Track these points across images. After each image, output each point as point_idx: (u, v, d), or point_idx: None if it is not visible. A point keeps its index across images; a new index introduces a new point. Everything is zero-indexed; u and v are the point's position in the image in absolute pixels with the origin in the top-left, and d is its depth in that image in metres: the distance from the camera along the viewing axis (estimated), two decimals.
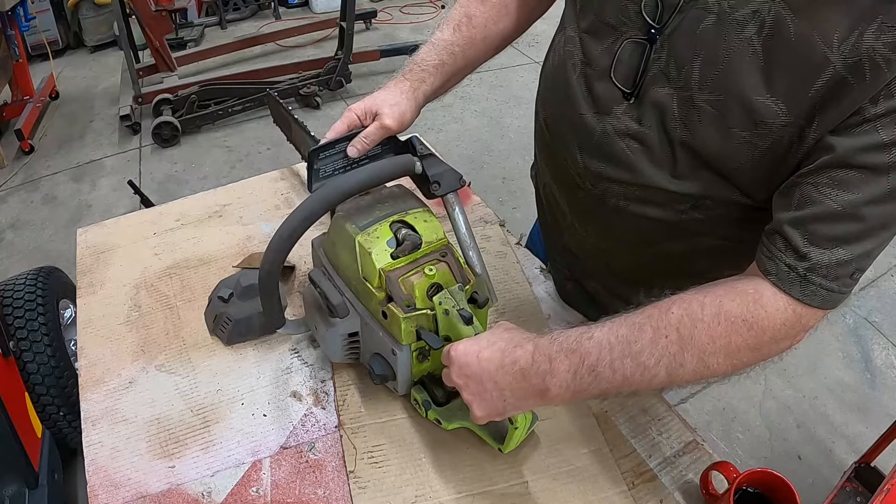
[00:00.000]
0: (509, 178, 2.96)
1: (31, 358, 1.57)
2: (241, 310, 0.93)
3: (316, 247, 0.88)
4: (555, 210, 0.94)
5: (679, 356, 0.60)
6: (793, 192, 0.60)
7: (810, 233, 0.58)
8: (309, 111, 3.47)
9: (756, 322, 0.59)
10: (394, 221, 0.77)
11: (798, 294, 0.59)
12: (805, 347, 2.27)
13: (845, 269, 0.58)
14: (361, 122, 0.83)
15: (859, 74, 0.54)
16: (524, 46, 4.14)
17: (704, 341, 0.59)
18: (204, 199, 1.23)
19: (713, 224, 0.73)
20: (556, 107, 0.83)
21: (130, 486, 0.77)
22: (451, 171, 0.80)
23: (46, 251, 2.60)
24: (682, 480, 0.79)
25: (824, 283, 0.58)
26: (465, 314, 0.72)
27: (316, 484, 0.78)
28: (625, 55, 0.69)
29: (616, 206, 0.78)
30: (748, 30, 0.58)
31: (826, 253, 0.58)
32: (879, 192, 0.55)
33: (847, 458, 1.83)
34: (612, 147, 0.73)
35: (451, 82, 0.90)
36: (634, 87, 0.69)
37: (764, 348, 0.61)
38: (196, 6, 4.53)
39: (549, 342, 0.64)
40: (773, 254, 0.60)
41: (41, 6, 3.84)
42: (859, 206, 0.56)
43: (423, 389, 0.81)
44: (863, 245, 0.58)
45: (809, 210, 0.58)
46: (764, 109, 0.59)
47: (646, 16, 0.65)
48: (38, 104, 3.40)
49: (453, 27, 0.87)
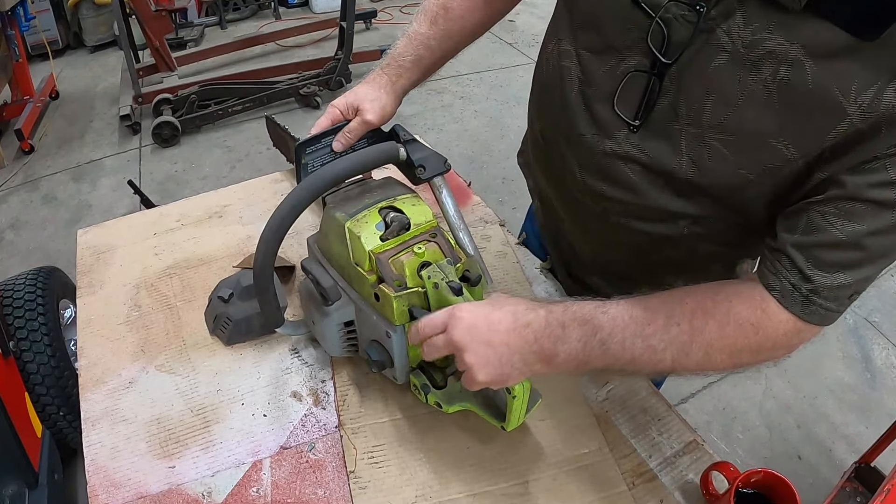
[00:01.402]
0: (509, 178, 2.96)
1: (31, 358, 1.58)
2: (240, 310, 0.93)
3: (311, 245, 0.88)
4: (551, 211, 0.94)
5: (687, 346, 0.61)
6: (800, 217, 0.60)
7: (815, 258, 0.59)
8: (309, 111, 3.48)
9: (762, 328, 0.61)
10: (383, 207, 0.78)
11: (799, 312, 0.61)
12: (805, 347, 2.24)
13: (845, 291, 0.60)
14: (344, 116, 0.85)
15: (876, 129, 0.53)
16: (524, 46, 4.15)
17: (713, 336, 0.61)
18: (204, 200, 1.24)
19: (714, 235, 0.74)
20: (553, 122, 0.82)
21: (130, 486, 0.77)
22: (436, 154, 0.81)
23: (46, 251, 2.60)
24: (682, 480, 0.79)
25: (824, 303, 0.60)
26: (454, 285, 0.71)
27: (316, 484, 0.78)
28: (631, 85, 0.67)
29: (617, 223, 0.78)
30: (764, 71, 0.57)
31: (828, 277, 0.59)
32: (883, 224, 0.56)
33: (847, 458, 1.83)
34: (613, 169, 0.73)
35: (430, 73, 0.92)
36: (637, 117, 0.68)
37: (765, 353, 0.63)
38: (196, 6, 4.53)
39: (562, 309, 0.64)
40: (779, 271, 0.61)
41: (41, 6, 3.84)
42: (863, 236, 0.57)
43: (421, 374, 0.81)
44: (863, 272, 0.59)
45: (815, 237, 0.59)
46: (775, 152, 0.59)
47: (652, 47, 0.63)
48: (38, 104, 3.40)
49: (430, 20, 0.87)
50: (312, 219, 1.14)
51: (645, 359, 0.62)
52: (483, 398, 0.79)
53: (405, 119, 3.33)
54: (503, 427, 0.75)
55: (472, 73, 3.87)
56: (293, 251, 1.10)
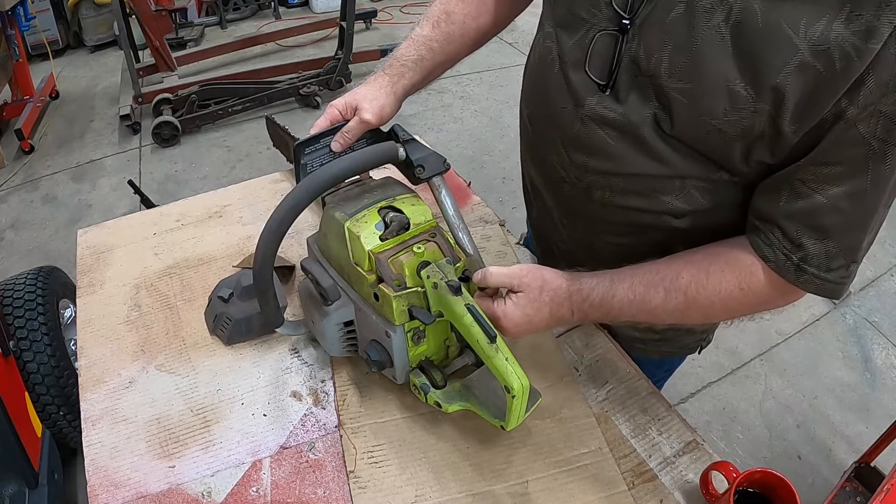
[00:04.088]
0: (509, 178, 2.96)
1: (31, 358, 1.58)
2: (240, 310, 0.93)
3: (311, 244, 0.88)
4: (541, 208, 0.95)
5: (686, 313, 0.71)
6: (783, 188, 0.64)
7: (802, 225, 0.63)
8: (309, 111, 3.48)
9: (751, 290, 0.68)
10: (382, 207, 0.78)
11: (793, 279, 0.65)
12: (805, 347, 2.27)
13: (835, 260, 0.63)
14: (343, 116, 0.85)
15: (828, 63, 0.54)
16: (524, 46, 4.15)
17: (706, 304, 0.69)
18: (204, 200, 1.24)
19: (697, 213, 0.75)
20: (538, 104, 0.84)
21: (130, 485, 0.77)
22: (435, 154, 0.81)
23: (46, 251, 2.60)
24: (682, 480, 0.79)
25: (816, 272, 0.64)
26: (453, 284, 0.71)
27: (316, 484, 0.78)
28: (598, 47, 0.70)
29: (602, 200, 0.79)
30: (716, 17, 0.59)
31: (817, 244, 0.63)
32: (861, 183, 0.59)
33: (847, 458, 1.83)
34: (592, 138, 0.75)
35: (432, 76, 0.92)
36: (609, 78, 0.70)
37: (760, 307, 0.71)
38: (196, 6, 4.53)
39: (581, 301, 0.74)
40: (772, 242, 0.65)
41: (41, 6, 3.84)
42: (843, 198, 0.60)
43: (421, 374, 0.80)
44: (850, 237, 0.62)
45: (799, 204, 0.62)
46: (732, 95, 0.60)
47: (616, 7, 0.67)
48: (38, 104, 3.40)
49: (432, 23, 0.89)
50: (312, 218, 1.14)
51: (650, 323, 0.74)
52: (482, 397, 0.79)
53: (405, 119, 3.32)
54: (503, 426, 0.75)
55: (471, 73, 3.87)
56: (293, 251, 1.10)
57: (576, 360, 0.93)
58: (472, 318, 0.70)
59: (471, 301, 0.72)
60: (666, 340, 0.99)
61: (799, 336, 2.29)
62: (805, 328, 2.32)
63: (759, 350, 2.23)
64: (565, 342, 0.96)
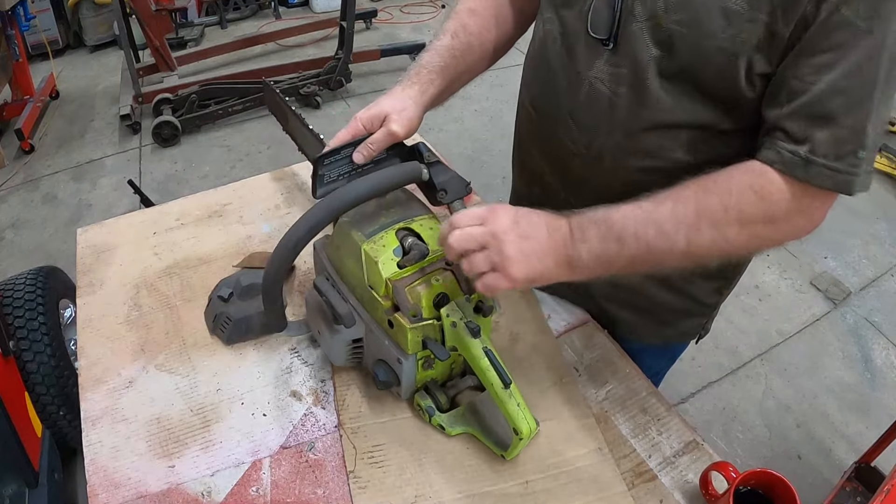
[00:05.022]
0: (509, 178, 2.91)
1: (31, 358, 1.57)
2: (241, 309, 0.93)
3: (318, 249, 0.87)
4: (542, 193, 0.95)
5: (696, 224, 0.65)
6: (781, 91, 0.65)
7: (805, 118, 0.63)
8: (309, 111, 3.47)
9: (765, 193, 0.65)
10: (399, 229, 0.77)
11: (802, 175, 0.64)
12: (805, 347, 2.27)
13: (845, 146, 0.63)
14: (367, 130, 0.82)
15: None
16: (524, 46, 4.14)
17: (718, 210, 0.65)
18: (204, 199, 1.23)
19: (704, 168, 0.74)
20: (542, 85, 0.86)
21: (130, 485, 0.77)
22: (458, 178, 0.79)
23: (46, 251, 2.60)
24: (682, 480, 0.79)
25: (828, 162, 0.63)
26: (472, 326, 0.72)
27: (316, 484, 0.78)
28: (598, 6, 0.74)
29: (612, 166, 0.80)
30: None
31: (824, 131, 0.62)
32: (854, 62, 0.60)
33: (847, 458, 1.83)
34: (599, 99, 0.77)
35: (453, 87, 0.92)
36: (611, 31, 0.73)
37: (779, 223, 0.66)
38: (196, 6, 4.53)
39: (579, 216, 0.69)
40: (776, 145, 0.65)
41: (41, 6, 3.83)
42: (841, 79, 0.61)
43: (426, 395, 0.82)
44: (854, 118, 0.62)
45: (800, 100, 0.63)
46: (727, 13, 0.63)
47: None
48: (39, 104, 3.40)
49: (451, 34, 0.90)
50: None
51: (660, 244, 0.66)
52: (485, 424, 0.80)
53: None
54: (503, 456, 0.77)
55: None
56: None
57: (576, 360, 0.93)
58: (488, 362, 0.72)
59: (488, 344, 0.72)
60: (666, 324, 0.99)
61: (799, 336, 2.29)
62: (805, 328, 2.32)
63: (759, 350, 2.23)
64: (565, 342, 0.96)
